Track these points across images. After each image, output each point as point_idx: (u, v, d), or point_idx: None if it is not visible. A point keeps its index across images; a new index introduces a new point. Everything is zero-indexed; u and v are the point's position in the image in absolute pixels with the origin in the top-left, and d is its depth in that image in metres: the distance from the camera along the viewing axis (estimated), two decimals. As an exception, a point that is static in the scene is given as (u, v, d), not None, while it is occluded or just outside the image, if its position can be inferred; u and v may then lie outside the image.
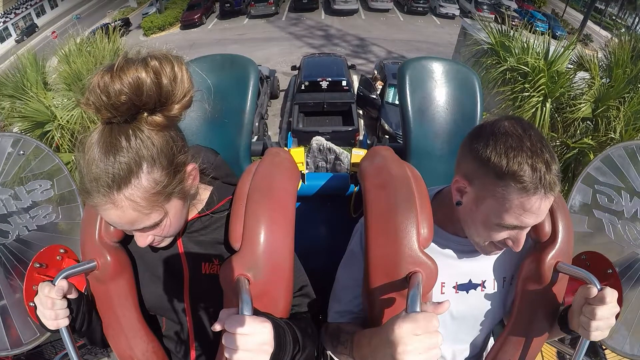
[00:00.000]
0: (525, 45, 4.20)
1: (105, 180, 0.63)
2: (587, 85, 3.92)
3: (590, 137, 3.76)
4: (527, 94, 4.00)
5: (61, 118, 3.64)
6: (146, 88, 0.61)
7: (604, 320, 0.74)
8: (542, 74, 3.94)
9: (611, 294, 0.74)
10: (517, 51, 4.20)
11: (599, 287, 0.77)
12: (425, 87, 1.28)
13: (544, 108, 3.96)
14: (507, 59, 4.24)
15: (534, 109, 3.98)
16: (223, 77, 1.26)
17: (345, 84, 9.00)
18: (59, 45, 4.00)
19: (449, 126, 1.28)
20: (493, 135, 0.74)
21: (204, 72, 1.27)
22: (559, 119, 3.95)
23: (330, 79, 8.97)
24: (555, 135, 3.94)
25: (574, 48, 4.12)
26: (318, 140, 3.99)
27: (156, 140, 0.66)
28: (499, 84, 4.28)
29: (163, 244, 0.79)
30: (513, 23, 4.55)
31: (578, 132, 3.93)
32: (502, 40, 4.34)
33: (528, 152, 0.70)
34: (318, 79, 8.95)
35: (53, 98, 3.78)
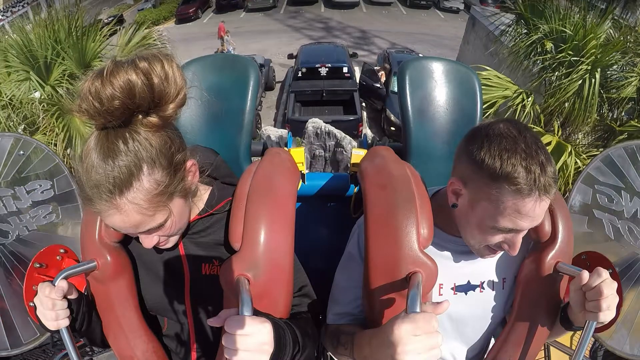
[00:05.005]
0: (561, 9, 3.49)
1: (107, 186, 0.62)
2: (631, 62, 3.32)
3: (637, 119, 3.26)
4: (575, 58, 3.26)
5: (5, 95, 3.14)
6: (138, 90, 0.60)
7: (610, 296, 0.73)
8: (592, 35, 3.23)
9: (603, 271, 0.74)
10: (553, 14, 3.49)
11: None
12: (425, 87, 1.27)
13: (593, 79, 3.22)
14: (540, 26, 3.54)
15: (581, 80, 3.25)
16: (223, 77, 1.25)
17: (346, 71, 8.21)
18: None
19: (449, 126, 1.28)
20: (487, 137, 0.73)
21: (204, 72, 1.27)
22: (605, 97, 3.38)
23: (330, 65, 8.18)
24: (598, 118, 3.46)
25: (613, 14, 3.53)
26: (315, 123, 3.65)
27: (154, 141, 0.66)
28: (531, 55, 3.67)
29: (168, 245, 0.79)
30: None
31: (622, 114, 3.43)
32: (533, 2, 3.61)
33: (522, 154, 0.70)
34: (316, 65, 8.15)
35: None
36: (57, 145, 3.23)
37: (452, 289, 0.92)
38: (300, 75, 8.26)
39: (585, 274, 0.75)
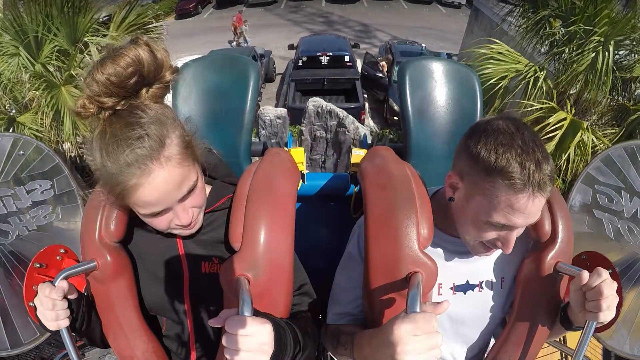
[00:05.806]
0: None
1: (145, 150, 0.66)
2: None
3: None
4: (588, 27, 3.15)
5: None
6: (146, 61, 0.66)
7: (610, 296, 0.73)
8: (603, 5, 3.13)
9: (603, 271, 0.75)
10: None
11: None
12: (425, 87, 1.28)
13: (607, 52, 3.13)
14: (548, 2, 3.46)
15: (594, 53, 3.16)
16: (223, 77, 1.26)
17: (348, 60, 8.11)
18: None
19: (449, 126, 1.28)
20: (485, 132, 0.75)
21: (204, 72, 1.27)
22: (618, 75, 3.33)
23: (331, 54, 8.08)
24: (610, 97, 3.43)
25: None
26: (316, 102, 3.48)
27: (163, 106, 0.72)
28: (539, 33, 3.60)
29: (195, 228, 0.80)
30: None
31: (635, 93, 3.42)
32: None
33: (518, 150, 0.70)
34: (317, 54, 8.05)
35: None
36: (45, 120, 3.23)
37: (451, 288, 0.92)
38: (300, 64, 8.17)
39: (585, 274, 0.76)
